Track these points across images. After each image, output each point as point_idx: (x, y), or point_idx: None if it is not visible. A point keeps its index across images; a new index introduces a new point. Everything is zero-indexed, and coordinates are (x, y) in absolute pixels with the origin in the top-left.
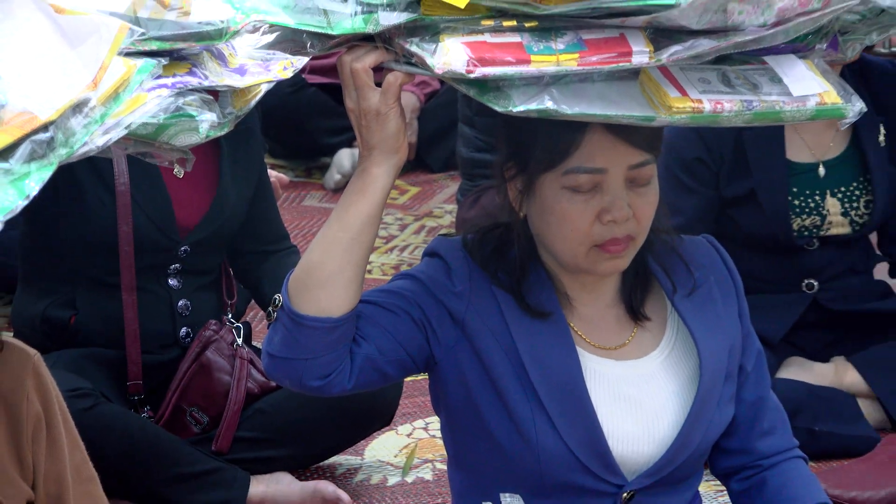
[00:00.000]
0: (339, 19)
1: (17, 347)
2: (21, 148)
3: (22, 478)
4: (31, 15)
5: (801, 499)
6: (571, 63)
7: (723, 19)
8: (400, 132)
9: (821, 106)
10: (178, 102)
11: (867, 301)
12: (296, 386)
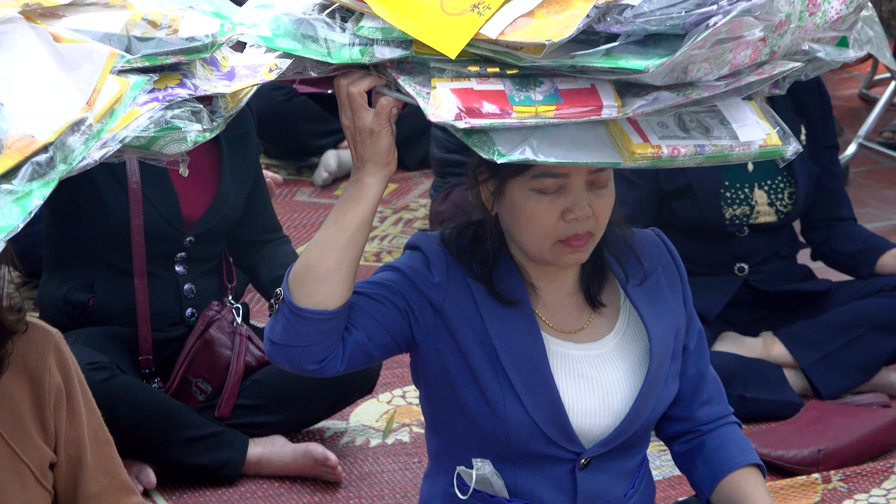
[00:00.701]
0: (338, 49)
1: (41, 327)
2: (23, 169)
3: (45, 443)
4: (32, 43)
5: (735, 458)
6: (549, 114)
7: (683, 77)
8: (391, 148)
9: (764, 148)
10: (167, 116)
11: (792, 282)
12: (294, 369)
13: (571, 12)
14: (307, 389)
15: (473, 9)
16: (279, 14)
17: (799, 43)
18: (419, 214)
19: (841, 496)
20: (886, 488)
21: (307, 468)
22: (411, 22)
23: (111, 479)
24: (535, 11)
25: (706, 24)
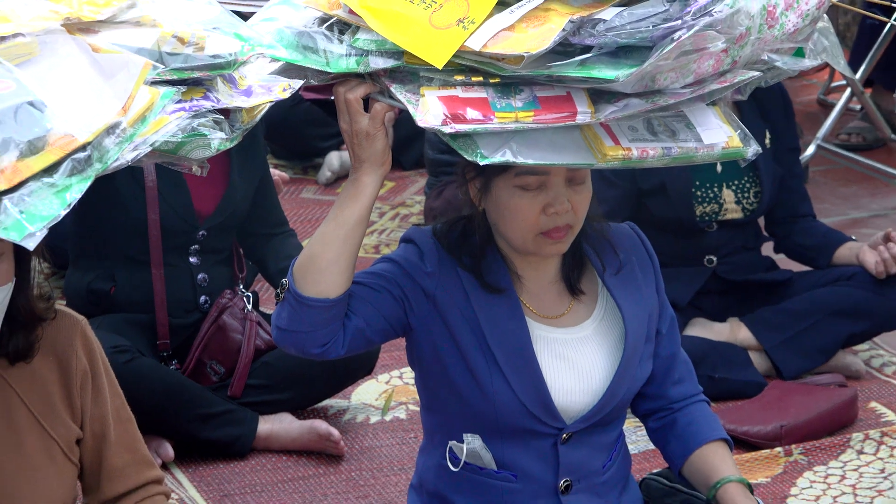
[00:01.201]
0: (336, 59)
1: (68, 314)
2: (63, 165)
3: (72, 420)
4: (73, 52)
5: (704, 433)
6: (528, 119)
7: (651, 85)
8: (386, 149)
9: (726, 149)
10: (194, 123)
11: (756, 273)
12: (300, 353)
13: (549, 27)
14: (312, 370)
15: (459, 23)
16: (282, 27)
17: (758, 53)
18: (414, 210)
19: (801, 468)
20: (843, 461)
21: (312, 443)
22: (402, 35)
23: (133, 453)
24: (516, 26)
25: (672, 37)
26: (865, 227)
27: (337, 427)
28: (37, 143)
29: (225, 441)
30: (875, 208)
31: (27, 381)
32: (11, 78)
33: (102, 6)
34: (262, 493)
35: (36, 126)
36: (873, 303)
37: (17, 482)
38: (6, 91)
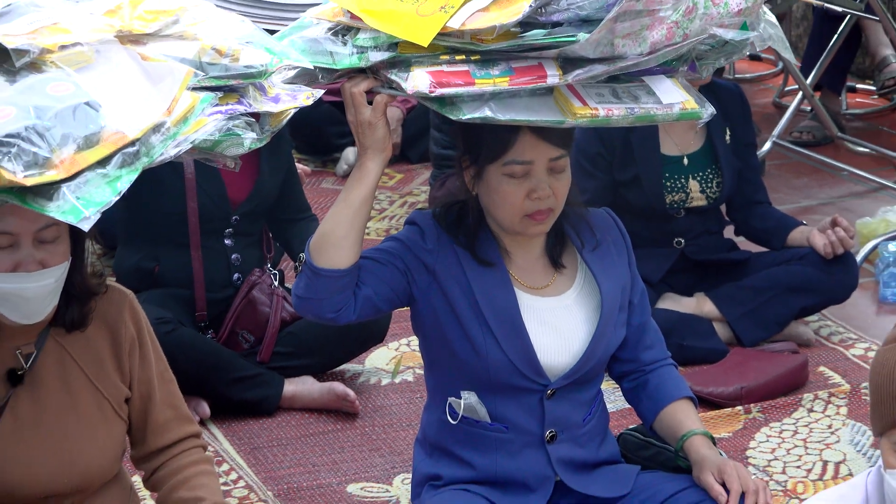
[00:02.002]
0: (341, 58)
1: (117, 289)
2: (115, 158)
3: (121, 382)
4: (124, 60)
5: (672, 392)
6: (504, 83)
7: (611, 50)
8: (386, 137)
9: (683, 111)
10: (229, 125)
11: (719, 253)
12: (316, 318)
13: (517, 5)
14: (331, 339)
15: (441, 10)
16: (294, 38)
17: (707, 28)
18: (420, 199)
19: (759, 424)
20: (795, 418)
21: (331, 402)
22: (395, 26)
23: (174, 410)
24: (489, 7)
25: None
26: (815, 213)
27: (353, 388)
28: (92, 139)
29: (254, 401)
30: (823, 197)
31: (82, 348)
32: (71, 81)
33: (150, 21)
34: (286, 446)
35: (91, 123)
36: (822, 280)
37: (74, 436)
38: (66, 93)
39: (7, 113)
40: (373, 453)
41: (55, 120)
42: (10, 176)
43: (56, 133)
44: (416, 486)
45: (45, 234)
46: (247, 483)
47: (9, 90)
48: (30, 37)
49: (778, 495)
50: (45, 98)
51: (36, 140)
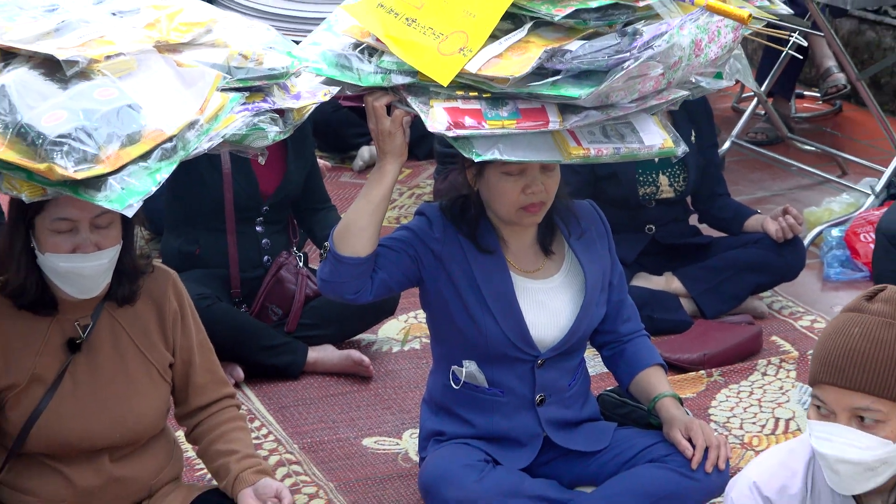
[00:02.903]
0: (366, 76)
1: (162, 269)
2: (155, 153)
3: (166, 349)
4: (162, 67)
5: (646, 359)
6: (511, 126)
7: (605, 101)
8: (403, 144)
9: (661, 149)
10: (255, 120)
11: (685, 238)
12: (338, 298)
13: (528, 55)
14: (348, 312)
15: (460, 51)
16: (326, 50)
17: (687, 76)
18: (426, 191)
19: (719, 386)
20: (751, 381)
21: (348, 367)
22: (417, 59)
23: (212, 375)
24: (503, 54)
25: (622, 66)
26: (768, 203)
27: (367, 355)
28: (134, 136)
29: (282, 366)
30: (775, 189)
31: (131, 320)
32: (115, 87)
33: (185, 32)
34: (310, 405)
35: (133, 123)
36: (774, 261)
37: (124, 396)
38: (111, 97)
39: (59, 116)
40: (384, 411)
41: (101, 121)
42: (63, 171)
43: (102, 132)
44: (422, 441)
45: (99, 221)
46: (275, 437)
47: (61, 96)
48: (79, 49)
49: (736, 448)
50: (93, 102)
51: (85, 139)
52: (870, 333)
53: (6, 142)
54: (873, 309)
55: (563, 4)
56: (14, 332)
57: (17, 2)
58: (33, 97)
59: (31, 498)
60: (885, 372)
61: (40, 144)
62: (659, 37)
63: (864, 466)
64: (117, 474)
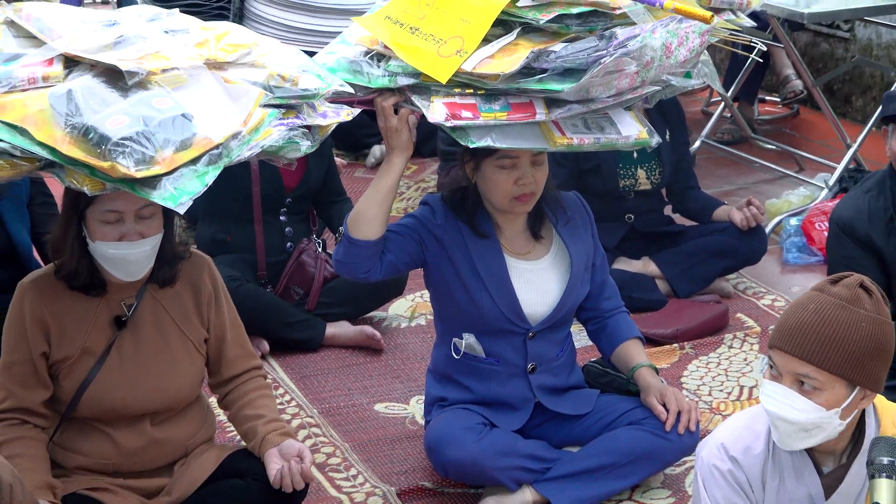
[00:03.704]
0: (375, 79)
1: (198, 254)
2: (203, 158)
3: (201, 326)
4: (211, 82)
5: (626, 333)
6: (503, 118)
7: (586, 95)
8: (409, 140)
9: (637, 140)
10: (290, 135)
11: (660, 226)
12: (351, 277)
13: (517, 56)
14: (362, 292)
15: (457, 53)
16: (340, 58)
17: (660, 75)
18: (430, 184)
19: (691, 358)
20: (719, 353)
21: (362, 341)
22: (420, 61)
23: (242, 348)
24: (495, 55)
25: (600, 62)
26: (734, 195)
27: (378, 331)
28: (186, 142)
29: (303, 340)
30: (740, 183)
31: (171, 300)
32: (170, 97)
33: (231, 52)
34: (328, 374)
35: (186, 131)
36: (739, 247)
37: (164, 367)
38: (167, 106)
39: (122, 121)
40: (394, 380)
41: (159, 127)
42: (125, 170)
43: (159, 137)
44: (427, 406)
45: (143, 212)
46: (297, 403)
47: (123, 103)
48: (138, 62)
49: (705, 412)
50: (151, 110)
51: (144, 142)
52: (823, 311)
53: (72, 140)
54: (833, 291)
55: (547, 10)
56: (67, 310)
57: (80, 16)
58: (97, 102)
59: (81, 457)
60: (828, 346)
61: (104, 145)
62: (633, 38)
63: (799, 426)
64: (157, 436)
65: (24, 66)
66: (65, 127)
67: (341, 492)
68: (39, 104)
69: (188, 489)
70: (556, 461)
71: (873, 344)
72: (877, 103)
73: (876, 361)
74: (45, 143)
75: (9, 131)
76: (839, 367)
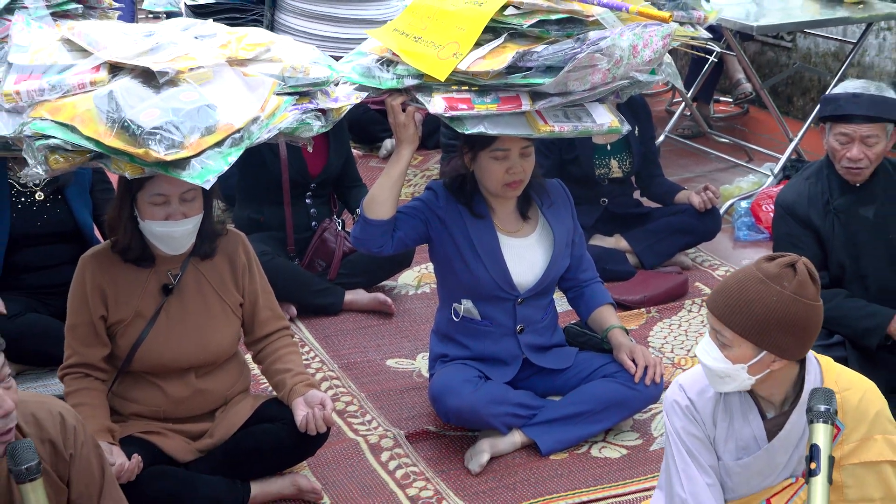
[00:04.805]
0: (385, 81)
1: (234, 231)
2: (227, 141)
3: (237, 292)
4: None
5: (600, 299)
6: (493, 109)
7: (565, 88)
8: (415, 133)
9: (610, 127)
10: (303, 117)
11: (630, 209)
12: (366, 251)
13: (505, 56)
14: (375, 264)
15: (454, 55)
16: (356, 65)
17: (628, 72)
18: (434, 173)
19: (656, 321)
20: (680, 316)
21: (375, 306)
22: (422, 64)
23: (272, 311)
24: (486, 56)
25: (576, 56)
26: (693, 182)
27: (390, 297)
28: (211, 128)
29: (325, 305)
30: (698, 171)
31: (211, 270)
32: (196, 91)
33: (250, 51)
34: (346, 334)
35: (210, 118)
36: (697, 225)
37: (206, 328)
38: (193, 99)
39: (154, 113)
40: (402, 339)
41: (186, 117)
42: (157, 154)
43: (186, 125)
44: (431, 361)
45: (186, 195)
46: (320, 359)
47: (155, 98)
48: (169, 63)
49: (668, 366)
50: (179, 102)
51: (173, 130)
52: (744, 282)
53: (113, 133)
54: (762, 266)
55: (530, 17)
56: (122, 280)
57: (123, 30)
58: (133, 99)
59: (136, 405)
60: (738, 312)
61: (139, 134)
62: (604, 38)
63: (714, 373)
64: (201, 387)
65: (75, 74)
66: (107, 122)
67: (358, 434)
68: (86, 105)
69: (227, 432)
70: (541, 408)
71: (779, 317)
72: (815, 103)
73: (782, 333)
74: (91, 137)
75: (61, 129)
76: (745, 331)
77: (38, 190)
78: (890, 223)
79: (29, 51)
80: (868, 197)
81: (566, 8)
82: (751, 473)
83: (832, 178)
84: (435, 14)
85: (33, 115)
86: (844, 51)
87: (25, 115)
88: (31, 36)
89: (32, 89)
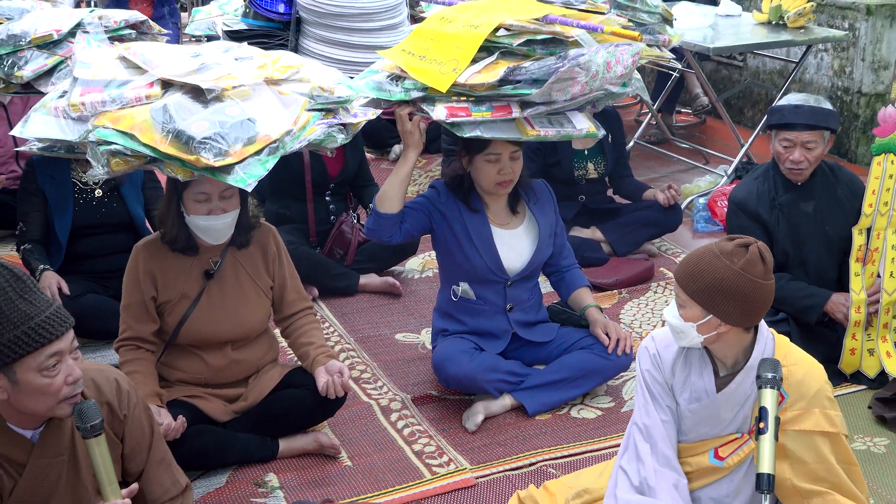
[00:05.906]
0: (395, 94)
1: (266, 224)
2: (265, 150)
3: (268, 277)
4: (269, 94)
5: (578, 282)
6: (487, 116)
7: (549, 98)
8: (420, 139)
9: (588, 132)
10: (329, 131)
11: (604, 204)
12: (378, 240)
13: (497, 70)
14: (385, 252)
15: (453, 70)
16: (369, 81)
17: (602, 84)
18: (436, 174)
19: (626, 300)
20: (646, 297)
21: (386, 288)
22: (426, 78)
23: (298, 293)
24: (481, 71)
25: (558, 70)
26: (658, 181)
27: (398, 280)
28: (251, 139)
29: (342, 287)
30: (663, 172)
31: (246, 258)
32: (239, 106)
33: (283, 72)
34: (361, 311)
35: (251, 130)
36: (662, 219)
37: (241, 308)
38: (236, 113)
39: (203, 126)
40: (409, 316)
41: (230, 129)
42: (207, 161)
43: (231, 136)
44: (433, 335)
45: (225, 193)
46: (339, 333)
47: (204, 112)
48: (215, 81)
49: (637, 340)
50: (224, 116)
51: (220, 140)
52: (703, 254)
53: (168, 141)
54: (720, 244)
55: (519, 38)
56: (170, 266)
57: (173, 51)
58: (185, 112)
59: (180, 373)
60: (691, 278)
61: (191, 143)
62: (582, 55)
63: (673, 328)
64: (236, 357)
65: (132, 88)
66: (162, 131)
67: (371, 398)
68: (143, 116)
69: (259, 396)
70: (528, 376)
71: (725, 287)
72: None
73: (725, 301)
74: (148, 144)
75: (122, 137)
76: (695, 295)
77: (97, 187)
78: (826, 217)
79: (91, 67)
80: (808, 194)
81: (549, 29)
82: (698, 419)
83: (777, 177)
84: (437, 36)
85: (96, 123)
86: (788, 69)
87: (89, 123)
88: (92, 54)
89: (95, 101)
